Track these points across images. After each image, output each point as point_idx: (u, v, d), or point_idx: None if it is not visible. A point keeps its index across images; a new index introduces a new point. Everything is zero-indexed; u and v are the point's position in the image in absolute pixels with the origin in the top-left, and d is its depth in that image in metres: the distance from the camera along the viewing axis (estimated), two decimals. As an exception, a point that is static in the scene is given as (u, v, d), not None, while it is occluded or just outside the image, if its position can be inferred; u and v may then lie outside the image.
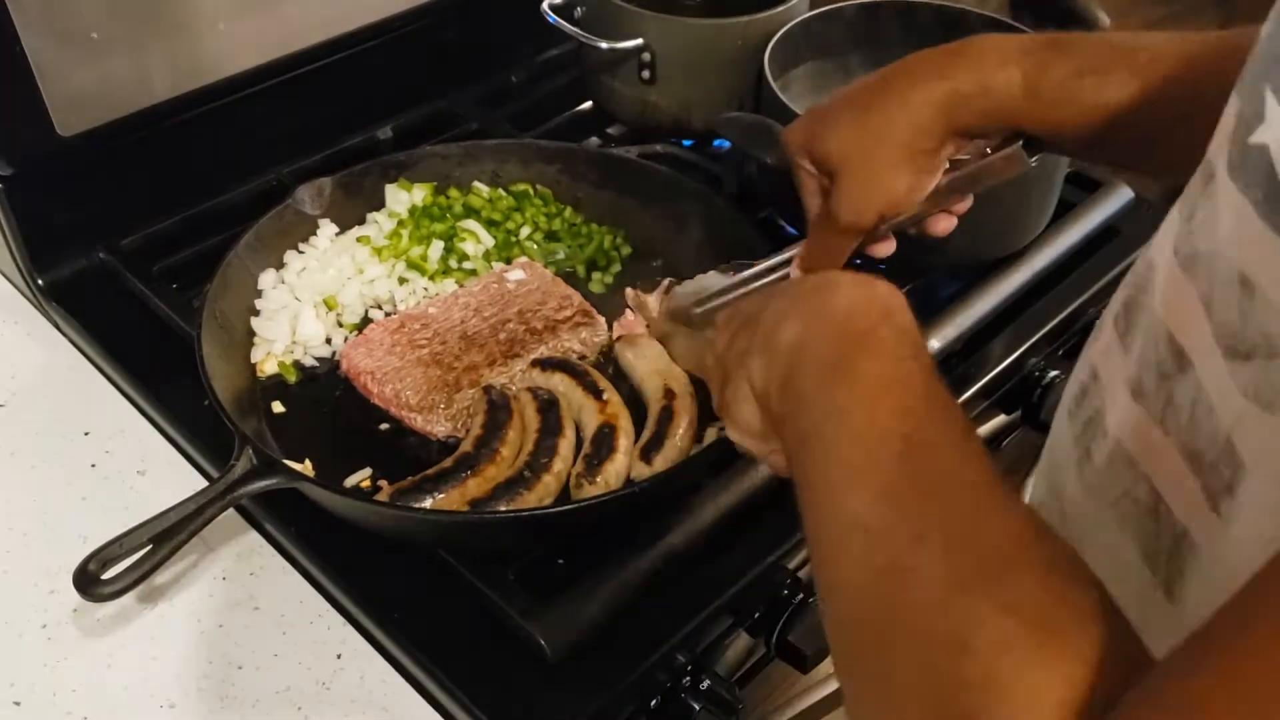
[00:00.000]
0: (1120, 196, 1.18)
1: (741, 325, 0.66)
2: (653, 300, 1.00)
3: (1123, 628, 0.42)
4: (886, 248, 0.86)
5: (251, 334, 1.00)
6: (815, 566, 0.53)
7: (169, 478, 0.93)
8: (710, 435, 0.91)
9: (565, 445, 0.88)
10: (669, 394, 0.91)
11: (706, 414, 0.88)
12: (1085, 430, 0.68)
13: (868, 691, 0.48)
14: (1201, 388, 0.53)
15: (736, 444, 0.69)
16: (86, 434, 0.97)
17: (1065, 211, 1.15)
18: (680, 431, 0.88)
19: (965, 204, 0.85)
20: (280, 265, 1.06)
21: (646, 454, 0.86)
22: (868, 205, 0.80)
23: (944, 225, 0.84)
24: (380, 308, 1.06)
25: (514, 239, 1.12)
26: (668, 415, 0.89)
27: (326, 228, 1.09)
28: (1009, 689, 0.40)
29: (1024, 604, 0.43)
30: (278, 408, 0.96)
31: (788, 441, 0.60)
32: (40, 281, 1.08)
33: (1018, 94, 0.75)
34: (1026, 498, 0.80)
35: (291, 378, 0.99)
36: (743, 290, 0.89)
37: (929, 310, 1.06)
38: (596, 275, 1.11)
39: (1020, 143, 0.77)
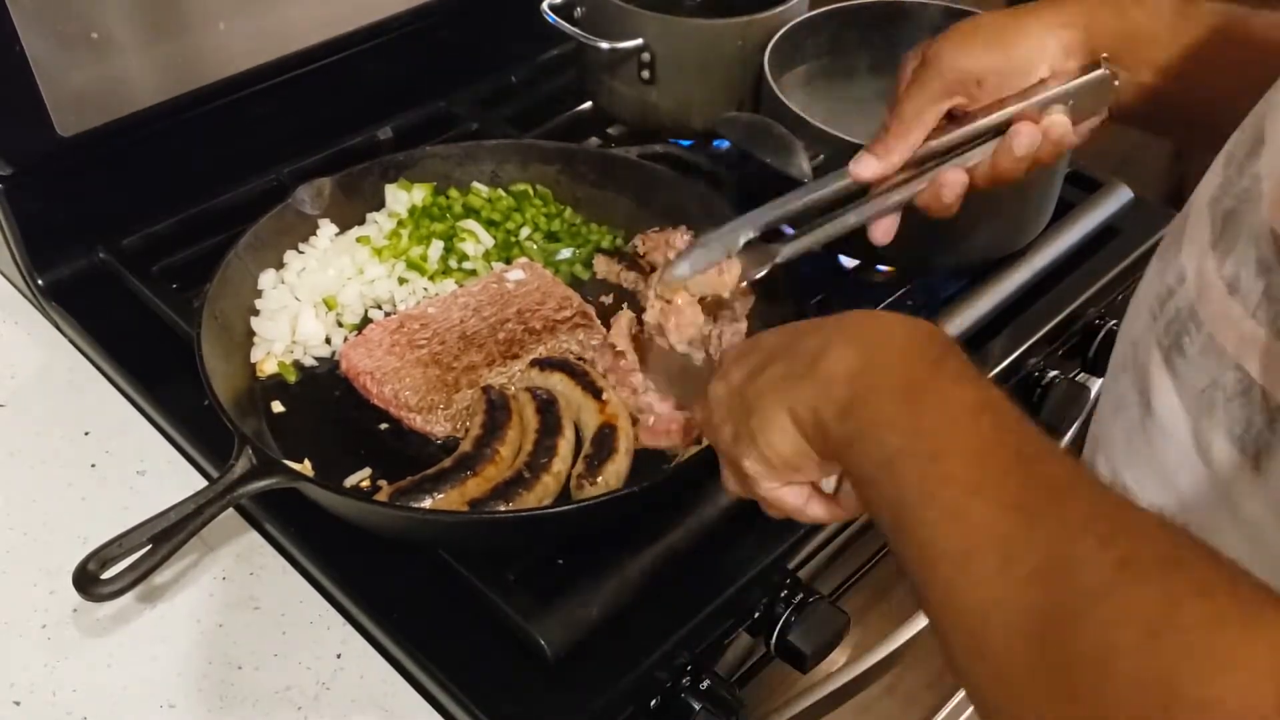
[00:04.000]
0: (1120, 196, 1.18)
1: (767, 357, 0.65)
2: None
3: None
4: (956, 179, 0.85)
5: (251, 334, 1.00)
6: (928, 593, 0.51)
7: (169, 478, 0.94)
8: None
9: (564, 445, 0.88)
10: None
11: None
12: (1169, 327, 0.68)
13: (1043, 707, 0.46)
14: None
15: (751, 474, 0.67)
16: (86, 434, 0.97)
17: (1065, 211, 1.15)
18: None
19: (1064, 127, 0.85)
20: (280, 265, 1.06)
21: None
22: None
23: (1027, 138, 0.84)
24: (380, 308, 1.06)
25: (514, 239, 1.12)
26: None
27: (326, 228, 1.09)
28: (1226, 661, 0.40)
29: (1215, 586, 0.43)
30: (277, 407, 0.96)
31: (857, 466, 0.59)
32: (40, 281, 1.08)
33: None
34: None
35: (291, 378, 0.99)
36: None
37: (929, 310, 1.07)
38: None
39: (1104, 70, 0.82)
